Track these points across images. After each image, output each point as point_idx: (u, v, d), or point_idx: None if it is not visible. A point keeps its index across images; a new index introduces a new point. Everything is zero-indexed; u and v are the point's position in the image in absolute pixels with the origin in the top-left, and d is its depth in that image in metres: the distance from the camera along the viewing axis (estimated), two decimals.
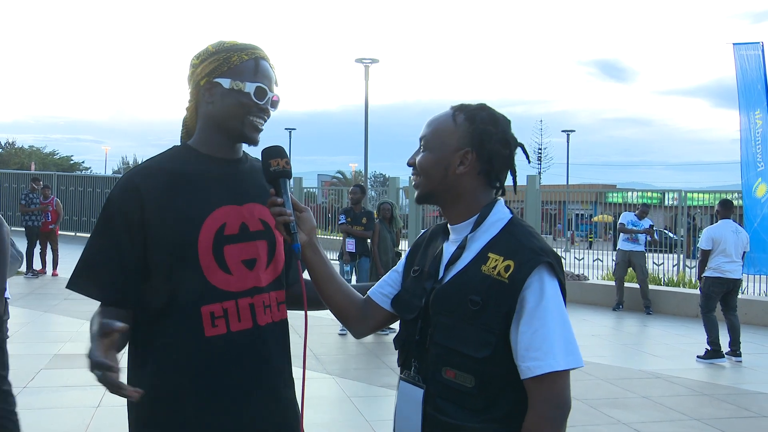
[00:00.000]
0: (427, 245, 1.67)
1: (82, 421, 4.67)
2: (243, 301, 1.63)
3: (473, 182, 1.55)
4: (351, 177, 51.40)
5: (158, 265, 1.59)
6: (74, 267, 1.63)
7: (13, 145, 49.68)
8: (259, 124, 1.67)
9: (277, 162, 1.60)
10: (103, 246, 1.61)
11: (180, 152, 1.70)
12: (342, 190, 19.31)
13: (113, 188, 1.64)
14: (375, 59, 22.00)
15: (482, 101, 1.63)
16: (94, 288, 1.62)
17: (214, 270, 1.60)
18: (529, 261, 1.44)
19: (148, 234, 1.58)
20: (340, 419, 4.99)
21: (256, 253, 1.66)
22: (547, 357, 1.39)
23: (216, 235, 1.60)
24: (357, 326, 1.73)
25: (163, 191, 1.60)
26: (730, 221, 7.58)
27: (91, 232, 1.69)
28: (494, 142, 1.54)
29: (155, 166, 1.66)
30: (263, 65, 1.67)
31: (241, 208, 1.66)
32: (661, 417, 5.26)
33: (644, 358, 7.56)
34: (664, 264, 12.30)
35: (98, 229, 1.63)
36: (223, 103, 1.64)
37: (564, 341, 1.42)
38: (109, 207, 1.62)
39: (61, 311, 8.88)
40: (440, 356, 1.49)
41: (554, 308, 1.43)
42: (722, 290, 7.40)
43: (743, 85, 10.28)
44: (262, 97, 1.64)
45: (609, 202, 15.47)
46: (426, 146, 1.59)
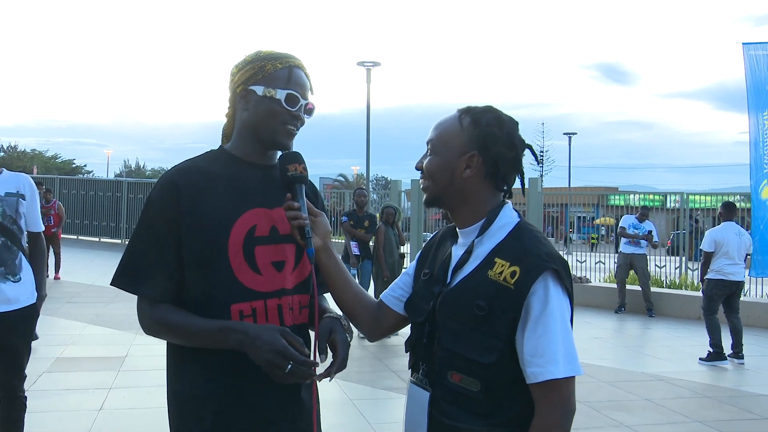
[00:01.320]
0: (437, 248, 1.68)
1: (84, 424, 4.68)
2: (271, 301, 1.66)
3: (480, 185, 1.55)
4: (353, 180, 51.40)
5: (191, 262, 1.62)
6: (117, 264, 1.67)
7: (16, 148, 49.79)
8: (291, 131, 1.70)
9: (294, 167, 1.66)
10: (145, 242, 1.65)
11: (216, 155, 1.75)
12: (344, 193, 19.31)
13: (154, 188, 1.69)
14: (377, 62, 22.04)
15: (484, 103, 1.63)
16: (140, 285, 1.64)
17: (245, 270, 1.63)
18: (535, 268, 1.44)
19: (183, 231, 1.62)
20: (343, 422, 4.99)
21: (284, 256, 1.69)
22: (548, 364, 1.41)
23: (247, 236, 1.64)
24: (370, 330, 1.75)
25: (200, 190, 1.64)
26: (732, 224, 7.57)
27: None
28: (500, 145, 1.53)
29: (193, 166, 1.70)
30: (296, 73, 1.71)
31: (271, 212, 1.69)
32: (663, 419, 5.25)
33: (646, 361, 7.55)
34: (666, 266, 12.29)
35: (140, 226, 1.67)
36: (257, 110, 1.68)
37: (565, 349, 1.43)
38: (150, 205, 1.66)
39: (64, 314, 8.89)
40: (446, 360, 1.50)
41: (558, 315, 1.44)
42: (725, 292, 7.40)
43: (752, 86, 10.10)
44: (293, 104, 1.68)
45: (611, 205, 15.47)
46: (433, 150, 1.59)
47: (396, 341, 8.02)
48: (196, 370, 1.65)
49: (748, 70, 10.19)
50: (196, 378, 1.65)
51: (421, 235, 15.74)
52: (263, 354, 1.50)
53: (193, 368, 1.66)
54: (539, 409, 1.43)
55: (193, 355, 1.65)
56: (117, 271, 1.67)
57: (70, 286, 11.51)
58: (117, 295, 10.38)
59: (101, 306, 9.43)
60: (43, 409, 4.98)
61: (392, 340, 8.06)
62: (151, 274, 1.63)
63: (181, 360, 1.69)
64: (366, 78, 21.84)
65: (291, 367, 1.49)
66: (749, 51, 10.23)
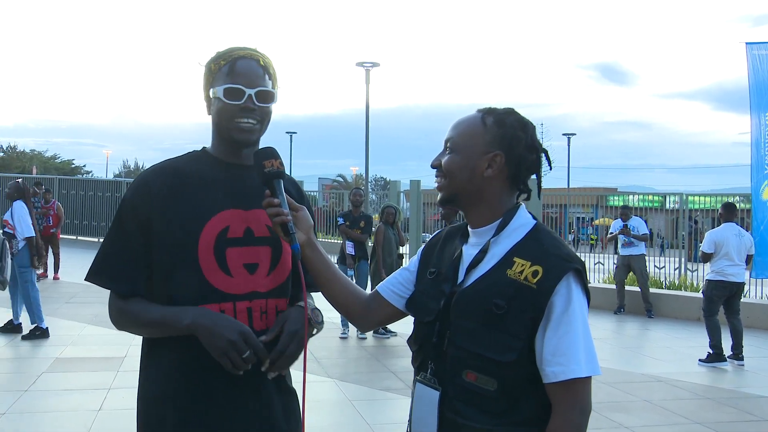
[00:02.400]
0: (443, 246, 1.66)
1: (83, 424, 4.67)
2: (241, 304, 1.64)
3: (499, 186, 1.55)
4: (352, 180, 51.42)
5: (160, 261, 1.62)
6: (92, 260, 1.69)
7: (15, 149, 49.73)
8: (244, 124, 1.64)
9: (271, 163, 1.61)
10: (117, 241, 1.67)
11: (196, 155, 1.75)
12: (343, 194, 19.31)
13: (129, 187, 1.72)
14: (376, 63, 22.05)
15: (482, 105, 1.63)
16: (110, 280, 1.67)
17: (215, 271, 1.61)
18: (558, 268, 1.45)
19: (152, 229, 1.62)
20: (341, 422, 4.98)
21: (258, 258, 1.67)
22: (570, 363, 1.41)
23: (218, 237, 1.62)
24: (361, 321, 1.74)
25: (173, 190, 1.64)
26: (733, 224, 7.57)
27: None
28: (522, 147, 1.54)
29: (168, 166, 1.71)
30: (240, 64, 1.65)
31: (246, 213, 1.67)
32: (662, 420, 5.25)
33: (646, 362, 7.55)
34: (665, 267, 12.29)
35: (113, 225, 1.69)
36: (213, 113, 1.69)
37: (586, 349, 1.44)
38: (123, 203, 1.68)
39: (63, 315, 8.88)
40: (461, 359, 1.49)
41: (580, 315, 1.44)
42: (725, 294, 7.39)
43: (755, 86, 10.03)
44: (234, 96, 1.63)
45: (610, 206, 15.47)
46: (453, 148, 1.58)
47: (395, 342, 8.02)
48: (160, 370, 1.65)
49: (750, 70, 10.12)
50: (160, 379, 1.65)
51: (420, 236, 15.74)
52: (227, 333, 1.50)
53: (157, 369, 1.66)
54: (557, 408, 1.44)
55: (157, 356, 1.65)
56: (91, 267, 1.68)
57: (69, 287, 11.50)
58: None
59: (100, 306, 9.39)
60: (42, 409, 4.98)
61: (391, 341, 8.06)
62: (123, 272, 1.64)
63: (146, 360, 1.70)
64: (365, 78, 21.85)
65: (248, 354, 1.51)
66: (752, 51, 10.16)
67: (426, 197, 16.18)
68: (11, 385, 5.59)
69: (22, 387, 5.49)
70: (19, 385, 5.55)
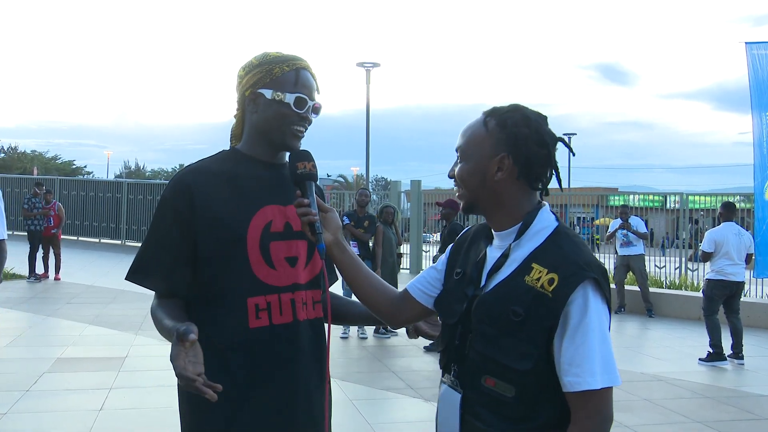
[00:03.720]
0: (469, 247, 1.66)
1: (84, 424, 4.68)
2: (285, 296, 1.71)
3: (513, 187, 1.53)
4: (352, 181, 51.41)
5: (209, 258, 1.67)
6: (132, 261, 1.75)
7: (16, 150, 49.81)
8: (299, 132, 1.75)
9: (304, 165, 1.68)
10: (156, 241, 1.72)
11: (228, 155, 1.80)
12: (344, 194, 19.31)
13: (166, 188, 1.74)
14: (376, 63, 22.06)
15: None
16: (149, 280, 1.72)
17: (261, 264, 1.69)
18: (574, 276, 1.42)
19: (198, 229, 1.67)
20: (342, 422, 4.98)
21: (297, 252, 1.75)
22: (586, 375, 1.39)
23: (263, 231, 1.70)
24: (391, 319, 1.75)
25: (213, 189, 1.69)
26: (732, 224, 7.57)
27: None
28: (530, 144, 1.50)
29: (204, 168, 1.75)
30: (303, 75, 1.75)
31: (285, 209, 1.74)
32: (662, 420, 5.26)
33: (646, 361, 7.56)
34: (665, 267, 12.30)
35: (153, 226, 1.74)
36: (266, 113, 1.73)
37: (602, 359, 1.41)
38: (162, 205, 1.72)
39: (64, 315, 8.89)
40: (481, 364, 1.49)
41: (597, 325, 1.42)
42: (725, 293, 7.40)
43: (755, 85, 10.00)
44: (301, 106, 1.73)
45: (611, 205, 15.47)
46: (462, 156, 1.57)
47: (396, 342, 8.03)
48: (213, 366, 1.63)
49: (751, 69, 10.11)
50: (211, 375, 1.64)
51: (420, 236, 15.75)
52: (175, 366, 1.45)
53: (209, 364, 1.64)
54: (575, 418, 1.43)
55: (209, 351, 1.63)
56: (131, 267, 1.74)
57: (70, 287, 11.51)
58: (117, 296, 10.39)
59: (101, 307, 9.43)
60: (43, 409, 4.99)
61: (392, 341, 8.07)
62: (161, 272, 1.69)
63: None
64: (366, 79, 21.86)
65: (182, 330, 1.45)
66: (752, 51, 10.16)
67: (427, 197, 16.19)
68: (13, 385, 5.60)
69: (24, 387, 5.50)
70: (20, 385, 5.56)
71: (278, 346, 1.69)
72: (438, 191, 20.20)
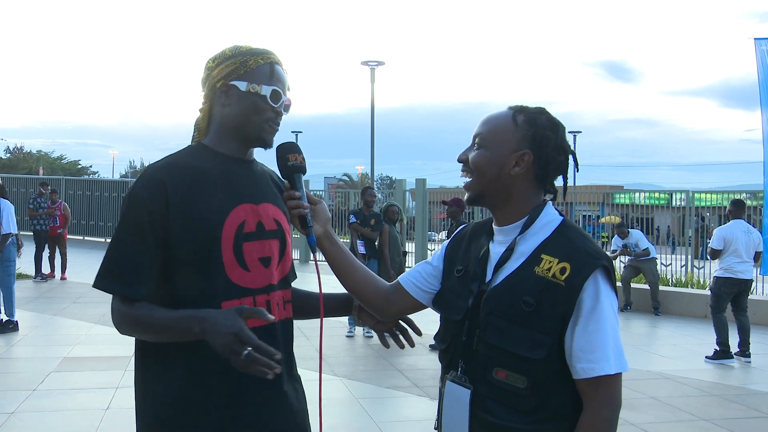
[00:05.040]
0: (469, 243, 1.66)
1: (91, 423, 4.69)
2: (260, 297, 1.65)
3: (526, 184, 1.55)
4: (357, 179, 51.42)
5: (183, 260, 1.58)
6: (100, 265, 1.59)
7: (22, 150, 49.95)
8: (274, 127, 1.70)
9: (294, 157, 1.66)
10: (128, 242, 1.58)
11: (198, 151, 1.70)
12: (348, 193, 19.32)
13: (136, 184, 1.62)
14: (381, 62, 22.04)
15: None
16: (121, 285, 1.57)
17: (234, 267, 1.61)
18: (586, 264, 1.45)
19: (172, 230, 1.57)
20: (347, 421, 4.99)
21: (270, 252, 1.69)
22: (600, 360, 1.42)
23: (236, 233, 1.63)
24: (381, 310, 1.76)
25: (188, 187, 1.60)
26: (741, 221, 7.54)
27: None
28: (552, 148, 1.54)
29: (177, 162, 1.66)
30: (278, 70, 1.70)
31: (257, 207, 1.68)
32: (669, 417, 5.24)
33: (652, 359, 7.53)
34: (672, 265, 12.26)
35: (122, 224, 1.60)
36: (240, 106, 1.66)
37: (615, 346, 1.44)
38: (134, 203, 1.59)
39: (70, 314, 8.92)
40: (491, 357, 1.49)
41: (609, 312, 1.45)
42: (733, 291, 7.37)
43: (764, 81, 9.92)
44: (276, 100, 1.68)
45: (616, 203, 15.43)
46: (482, 144, 1.57)
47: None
48: (180, 371, 1.60)
49: (760, 65, 10.06)
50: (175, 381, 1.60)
51: (425, 234, 15.74)
52: (221, 338, 1.41)
53: (177, 369, 1.60)
54: (588, 404, 1.44)
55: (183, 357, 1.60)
56: (99, 272, 1.59)
57: (76, 287, 11.55)
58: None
59: (107, 306, 9.34)
60: (50, 408, 5.00)
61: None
62: (135, 275, 1.56)
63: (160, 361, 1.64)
64: (370, 77, 21.84)
65: (248, 353, 1.38)
66: (761, 46, 10.10)
67: (431, 196, 16.17)
68: (20, 384, 5.62)
69: (31, 386, 5.52)
70: (27, 385, 5.58)
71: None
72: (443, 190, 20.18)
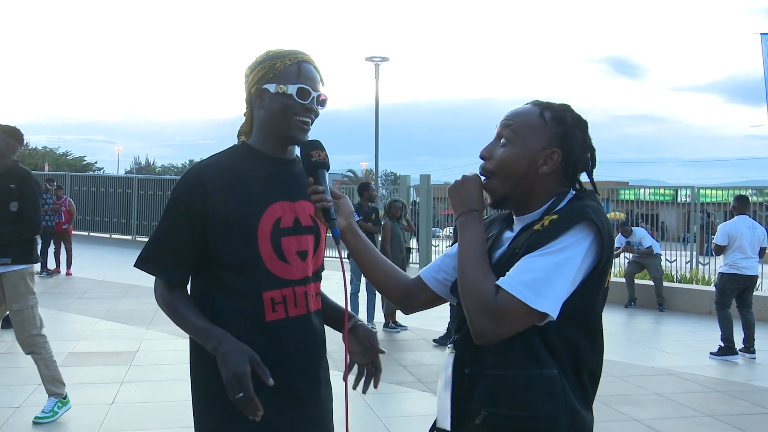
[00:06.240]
0: (488, 232, 1.66)
1: (96, 418, 4.72)
2: (299, 288, 1.77)
3: (550, 183, 1.54)
4: (362, 175, 51.42)
5: (223, 255, 1.70)
6: (142, 249, 1.77)
7: (27, 146, 50.01)
8: (304, 124, 1.77)
9: (318, 153, 1.72)
10: (168, 232, 1.74)
11: (239, 150, 1.82)
12: (353, 189, 19.31)
13: (178, 184, 1.75)
14: (385, 57, 21.99)
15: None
16: (158, 269, 1.74)
17: (274, 259, 1.72)
18: (572, 216, 1.43)
19: (210, 227, 1.69)
20: (351, 415, 4.97)
21: (306, 246, 1.80)
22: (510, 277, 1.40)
23: (273, 227, 1.73)
24: (403, 304, 1.77)
25: (226, 186, 1.71)
26: (746, 217, 7.52)
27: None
28: (579, 146, 1.53)
29: (217, 164, 1.76)
30: (306, 67, 1.78)
31: (294, 204, 1.79)
32: (673, 413, 5.24)
33: (657, 355, 7.53)
34: (677, 261, 12.23)
35: (164, 218, 1.75)
36: (271, 107, 1.76)
37: (535, 279, 1.38)
38: (174, 201, 1.73)
39: (75, 310, 8.95)
40: None
41: (560, 256, 1.39)
42: (738, 287, 7.35)
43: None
44: (304, 97, 1.75)
45: (621, 200, 15.37)
46: (510, 140, 1.54)
47: (405, 336, 8.04)
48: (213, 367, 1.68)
49: (766, 60, 10.02)
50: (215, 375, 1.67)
51: (430, 230, 15.74)
52: (225, 371, 1.57)
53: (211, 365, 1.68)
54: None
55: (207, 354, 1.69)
56: (141, 255, 1.76)
57: (81, 282, 11.59)
58: (128, 291, 10.43)
59: (112, 301, 9.48)
60: None
61: (401, 335, 8.07)
62: (172, 261, 1.72)
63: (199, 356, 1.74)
64: (375, 73, 21.82)
65: (241, 396, 1.55)
66: (767, 41, 10.06)
67: (436, 192, 16.16)
68: (25, 379, 5.64)
69: (36, 381, 5.53)
70: (33, 379, 5.60)
71: (294, 337, 1.74)
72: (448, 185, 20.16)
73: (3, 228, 4.32)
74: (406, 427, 4.85)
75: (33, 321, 4.48)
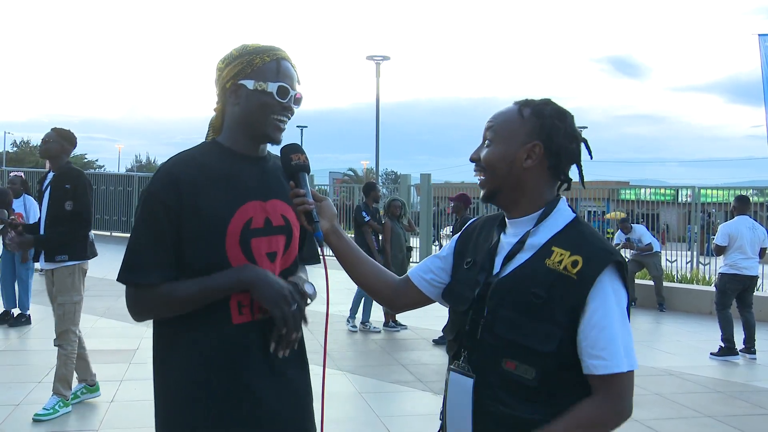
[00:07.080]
0: (479, 236, 1.67)
1: (96, 415, 4.73)
2: None
3: (538, 176, 1.55)
4: (362, 174, 51.40)
5: (191, 253, 1.65)
6: (122, 261, 1.66)
7: (28, 143, 50.09)
8: (282, 123, 1.74)
9: (298, 157, 1.70)
10: (147, 237, 1.65)
11: (211, 148, 1.77)
12: (353, 188, 19.29)
13: (152, 180, 1.68)
14: (386, 56, 22.02)
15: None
16: (142, 276, 1.64)
17: (242, 261, 1.67)
18: (599, 259, 1.44)
19: (183, 223, 1.64)
20: (351, 415, 5.00)
21: (277, 247, 1.75)
22: (612, 358, 1.41)
23: (243, 228, 1.69)
24: (390, 303, 1.78)
25: (198, 184, 1.66)
26: (746, 217, 7.51)
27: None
28: (561, 137, 1.54)
29: (191, 158, 1.72)
30: (284, 65, 1.74)
31: (265, 204, 1.74)
32: (674, 414, 5.24)
33: (657, 355, 7.52)
34: (677, 261, 12.23)
35: (140, 220, 1.66)
36: (248, 104, 1.71)
37: (624, 343, 1.43)
38: (150, 199, 1.66)
39: None
40: (499, 348, 1.49)
41: (618, 308, 1.44)
42: (738, 287, 7.35)
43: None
44: (284, 95, 1.72)
45: (622, 199, 15.37)
46: (492, 140, 1.57)
47: (405, 335, 8.04)
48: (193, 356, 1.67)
49: (764, 61, 10.04)
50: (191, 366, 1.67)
51: (430, 230, 15.73)
52: (271, 290, 1.62)
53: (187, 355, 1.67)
54: (595, 396, 1.44)
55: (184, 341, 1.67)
56: (122, 267, 1.66)
57: None
58: None
59: (112, 299, 9.48)
60: None
61: (401, 334, 8.07)
62: (156, 266, 1.63)
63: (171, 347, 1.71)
64: (375, 72, 21.83)
65: (297, 307, 1.63)
66: (765, 42, 10.07)
67: (436, 191, 16.15)
68: (26, 376, 5.65)
69: (36, 378, 5.55)
70: (33, 377, 5.61)
71: (261, 340, 1.69)
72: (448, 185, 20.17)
73: (61, 229, 4.58)
74: (406, 427, 4.84)
75: (72, 317, 4.65)
